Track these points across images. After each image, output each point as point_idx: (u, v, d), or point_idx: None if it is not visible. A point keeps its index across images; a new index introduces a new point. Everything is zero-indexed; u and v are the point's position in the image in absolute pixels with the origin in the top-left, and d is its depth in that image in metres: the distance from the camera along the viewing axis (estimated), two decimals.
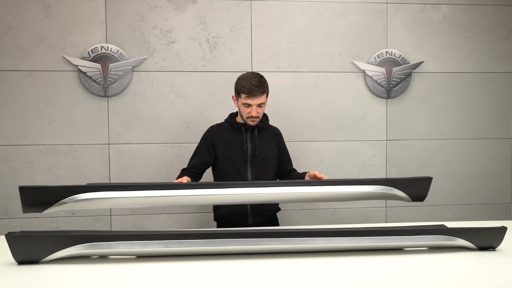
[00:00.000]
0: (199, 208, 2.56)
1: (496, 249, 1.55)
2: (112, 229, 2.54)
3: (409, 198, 1.62)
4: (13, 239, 1.37)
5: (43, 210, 1.46)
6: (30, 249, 1.39)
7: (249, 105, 1.93)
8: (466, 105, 2.75)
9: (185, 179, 1.78)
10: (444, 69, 2.72)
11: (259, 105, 1.94)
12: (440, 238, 1.50)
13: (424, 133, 2.73)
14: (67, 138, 2.48)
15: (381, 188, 1.58)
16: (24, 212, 1.47)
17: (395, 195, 1.59)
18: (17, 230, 2.41)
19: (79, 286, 1.25)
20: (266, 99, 1.99)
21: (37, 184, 2.46)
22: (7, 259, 1.41)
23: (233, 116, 2.10)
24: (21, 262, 1.41)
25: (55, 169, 2.49)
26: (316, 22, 2.62)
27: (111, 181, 2.51)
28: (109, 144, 2.51)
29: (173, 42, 2.53)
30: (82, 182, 2.47)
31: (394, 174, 2.71)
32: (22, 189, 1.44)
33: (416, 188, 1.63)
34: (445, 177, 2.76)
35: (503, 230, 1.51)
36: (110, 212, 2.54)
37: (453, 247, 1.53)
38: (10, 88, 2.43)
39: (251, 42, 2.58)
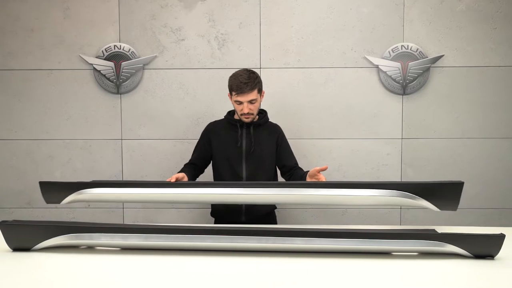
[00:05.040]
0: (205, 204, 2.58)
1: (495, 258, 1.43)
2: (125, 222, 2.64)
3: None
4: (5, 228, 1.47)
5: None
6: (21, 237, 1.48)
7: (240, 102, 1.92)
8: (492, 101, 2.55)
9: (173, 178, 1.80)
10: (467, 63, 2.54)
11: (251, 102, 1.92)
12: (428, 243, 1.40)
13: (443, 132, 2.57)
14: (83, 133, 2.61)
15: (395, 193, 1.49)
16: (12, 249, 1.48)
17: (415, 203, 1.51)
18: (39, 219, 2.60)
19: (66, 272, 1.31)
20: (259, 95, 1.97)
21: (56, 177, 2.61)
22: (3, 246, 1.51)
23: (231, 113, 2.10)
24: (15, 249, 1.50)
25: (73, 163, 2.62)
26: (327, 16, 2.55)
27: (124, 175, 2.61)
28: (121, 139, 2.61)
29: (182, 40, 2.57)
30: (97, 175, 2.59)
31: (410, 174, 2.58)
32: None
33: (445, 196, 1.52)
34: (468, 178, 2.57)
35: (500, 238, 1.39)
36: (122, 205, 2.65)
37: (444, 253, 1.43)
38: (33, 86, 2.59)
39: (260, 39, 2.56)
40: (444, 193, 1.54)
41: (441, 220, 2.57)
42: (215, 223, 2.12)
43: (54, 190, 1.68)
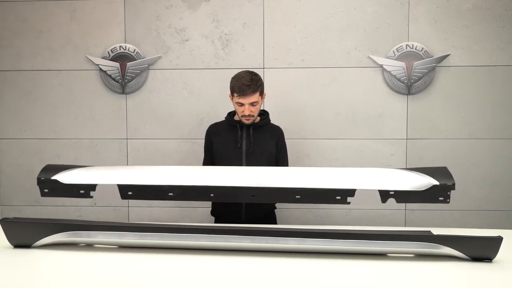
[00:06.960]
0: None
1: (493, 260, 1.40)
2: (130, 220, 2.68)
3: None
4: (6, 224, 1.51)
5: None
6: (21, 234, 1.52)
7: (242, 104, 1.94)
8: (499, 101, 2.50)
9: None
10: (474, 62, 2.49)
11: (252, 104, 1.93)
12: (423, 245, 1.39)
13: (449, 132, 2.53)
14: (89, 133, 2.66)
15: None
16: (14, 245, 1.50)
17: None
18: (47, 217, 2.65)
19: (65, 269, 1.34)
20: (260, 97, 1.97)
21: None
22: (4, 243, 1.55)
23: (231, 114, 2.11)
24: (16, 245, 1.54)
25: (79, 162, 2.67)
26: (331, 16, 2.53)
27: None
28: (127, 139, 2.65)
29: (187, 40, 2.59)
30: None
31: None
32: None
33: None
34: (475, 180, 2.54)
35: (498, 240, 1.36)
36: (128, 204, 2.68)
37: (440, 255, 1.41)
38: (41, 86, 2.65)
39: (263, 38, 2.56)
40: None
41: (446, 222, 2.53)
42: (215, 222, 2.14)
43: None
